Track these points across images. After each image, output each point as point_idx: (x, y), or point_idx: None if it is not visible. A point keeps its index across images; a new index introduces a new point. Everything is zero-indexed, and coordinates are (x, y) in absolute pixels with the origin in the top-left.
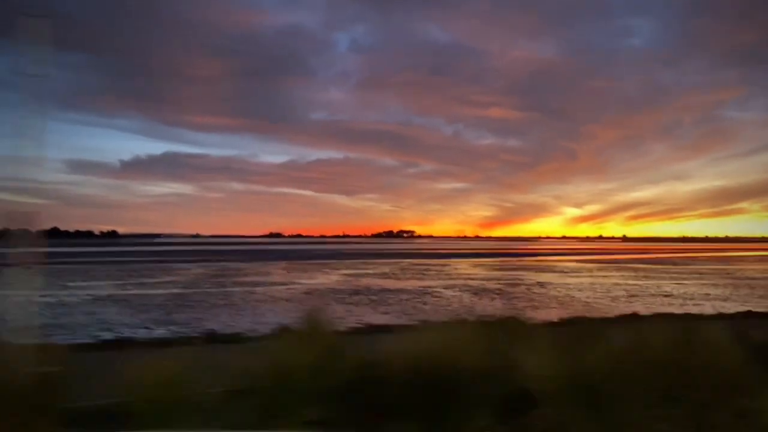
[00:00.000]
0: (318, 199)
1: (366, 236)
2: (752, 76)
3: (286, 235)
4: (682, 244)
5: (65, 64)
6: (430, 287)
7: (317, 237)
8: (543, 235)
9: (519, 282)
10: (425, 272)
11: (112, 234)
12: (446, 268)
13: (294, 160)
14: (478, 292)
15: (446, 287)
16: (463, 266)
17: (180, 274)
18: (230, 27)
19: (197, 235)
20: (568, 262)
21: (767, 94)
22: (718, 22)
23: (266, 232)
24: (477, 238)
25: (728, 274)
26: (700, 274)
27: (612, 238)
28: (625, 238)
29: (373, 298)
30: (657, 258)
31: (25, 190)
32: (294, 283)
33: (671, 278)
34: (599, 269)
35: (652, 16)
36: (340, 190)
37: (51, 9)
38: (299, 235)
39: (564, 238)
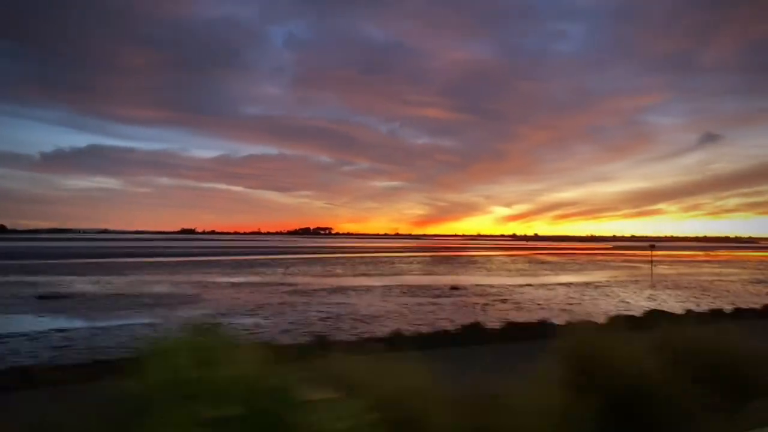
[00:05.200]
0: (251, 195)
1: (281, 233)
2: (673, 83)
3: (199, 231)
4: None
5: None
6: None
7: (231, 233)
8: (459, 233)
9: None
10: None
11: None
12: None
13: (227, 155)
14: None
15: None
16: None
17: None
18: (161, 16)
19: (105, 231)
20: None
21: (686, 100)
22: (642, 30)
23: (178, 228)
24: (397, 235)
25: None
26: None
27: (524, 237)
28: (536, 237)
29: None
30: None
31: None
32: None
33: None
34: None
35: (581, 22)
36: (274, 186)
37: None
38: (213, 232)
39: (479, 236)
